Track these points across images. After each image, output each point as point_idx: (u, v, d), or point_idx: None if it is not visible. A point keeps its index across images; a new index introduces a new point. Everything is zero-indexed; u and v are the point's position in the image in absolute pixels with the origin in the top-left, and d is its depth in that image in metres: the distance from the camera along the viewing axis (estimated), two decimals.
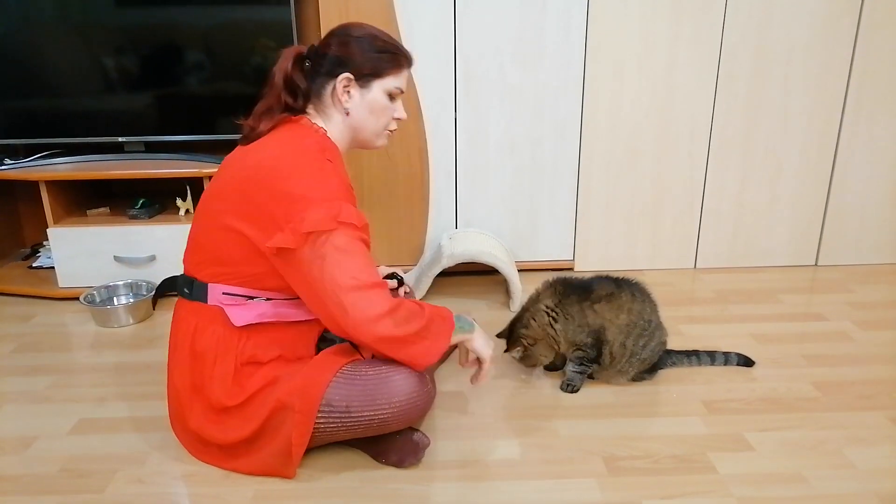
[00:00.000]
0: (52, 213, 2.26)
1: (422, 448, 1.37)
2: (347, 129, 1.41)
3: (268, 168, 1.27)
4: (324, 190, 1.24)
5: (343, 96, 1.36)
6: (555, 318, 1.62)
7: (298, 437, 1.29)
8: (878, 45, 2.28)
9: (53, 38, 2.27)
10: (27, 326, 2.11)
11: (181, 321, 1.36)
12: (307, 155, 1.29)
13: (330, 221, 1.22)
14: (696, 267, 2.53)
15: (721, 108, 2.34)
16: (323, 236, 1.21)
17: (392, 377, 1.30)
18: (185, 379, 1.34)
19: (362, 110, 1.39)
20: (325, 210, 1.22)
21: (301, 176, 1.25)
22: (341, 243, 1.22)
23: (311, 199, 1.22)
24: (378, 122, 1.41)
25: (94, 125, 2.36)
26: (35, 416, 1.59)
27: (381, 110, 1.40)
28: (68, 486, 1.34)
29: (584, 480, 1.34)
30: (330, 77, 1.36)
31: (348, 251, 1.23)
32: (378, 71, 1.37)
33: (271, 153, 1.29)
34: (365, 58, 1.35)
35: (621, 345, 1.61)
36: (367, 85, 1.37)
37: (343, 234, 1.23)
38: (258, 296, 1.33)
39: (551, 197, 2.41)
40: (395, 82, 1.40)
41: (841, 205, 2.46)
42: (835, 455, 1.40)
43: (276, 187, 1.24)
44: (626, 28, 2.24)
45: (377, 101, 1.39)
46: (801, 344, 1.91)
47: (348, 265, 1.22)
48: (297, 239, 1.21)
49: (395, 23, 2.19)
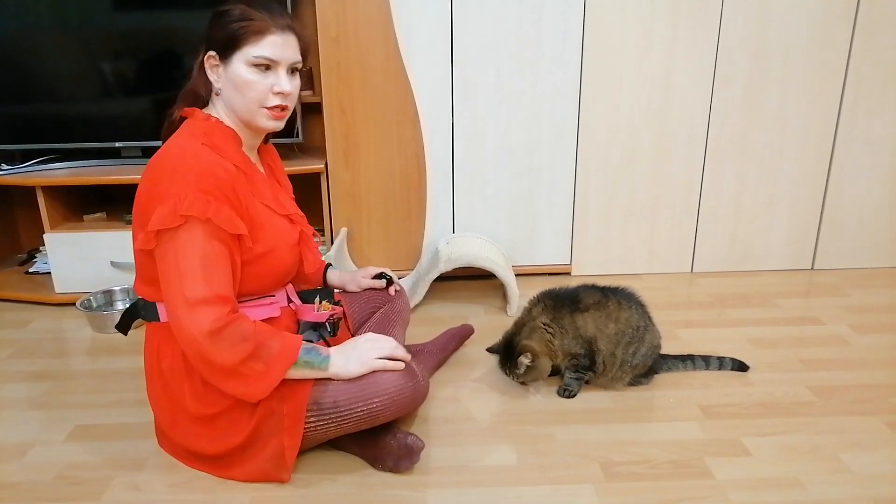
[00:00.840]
0: (49, 218, 2.26)
1: (417, 451, 1.36)
2: (229, 111, 1.32)
3: (146, 172, 1.26)
4: (174, 184, 1.19)
5: (211, 76, 1.30)
6: (553, 334, 1.61)
7: (290, 441, 1.28)
8: (874, 47, 2.29)
9: (51, 42, 2.27)
10: (23, 332, 2.11)
11: (148, 344, 1.37)
12: (179, 147, 1.25)
13: (173, 217, 1.17)
14: (693, 271, 2.53)
15: (717, 111, 2.35)
16: (171, 233, 1.18)
17: None
18: (162, 398, 1.35)
19: (228, 87, 1.29)
20: (170, 205, 1.17)
21: (162, 174, 1.21)
22: (181, 244, 1.18)
23: (162, 194, 1.19)
24: (247, 100, 1.28)
25: (91, 130, 2.36)
26: (31, 423, 1.59)
27: (244, 84, 1.27)
28: (65, 494, 1.33)
29: (581, 486, 1.33)
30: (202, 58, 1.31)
31: (186, 255, 1.18)
32: (234, 42, 1.25)
33: (156, 156, 1.27)
34: (222, 31, 1.26)
35: (611, 354, 1.62)
36: (227, 60, 1.27)
37: (186, 232, 1.18)
38: None
39: (548, 201, 2.41)
40: (256, 51, 1.25)
41: (837, 209, 2.47)
42: (831, 460, 1.40)
43: (144, 190, 1.24)
44: (622, 32, 2.25)
45: (238, 75, 1.26)
46: (797, 348, 1.91)
47: (181, 275, 1.18)
48: (148, 240, 1.19)
49: (392, 27, 2.20)
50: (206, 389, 1.31)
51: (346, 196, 2.38)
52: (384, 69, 2.24)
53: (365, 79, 2.25)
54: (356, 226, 2.42)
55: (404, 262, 2.47)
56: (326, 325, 1.42)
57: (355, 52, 2.22)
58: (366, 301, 1.68)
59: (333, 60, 2.23)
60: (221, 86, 1.30)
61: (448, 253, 2.18)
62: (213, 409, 1.30)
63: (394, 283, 1.71)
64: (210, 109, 1.34)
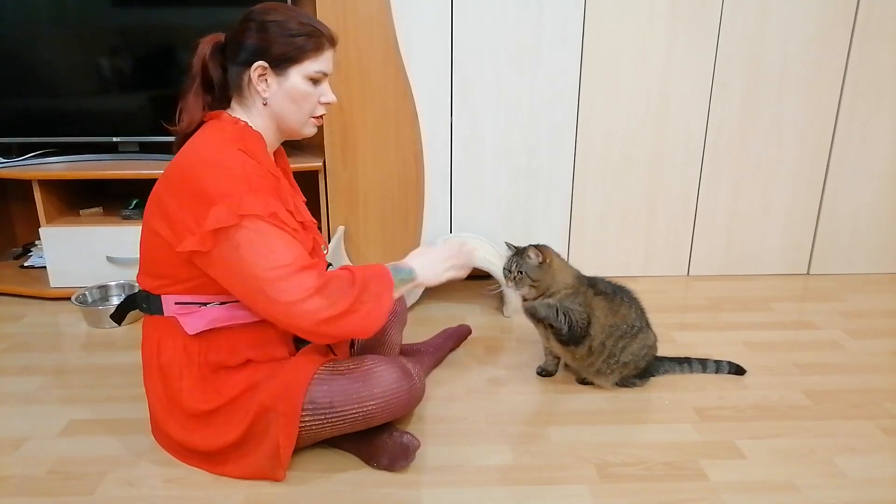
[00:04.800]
0: (45, 212, 2.25)
1: (412, 450, 1.36)
2: (270, 120, 1.34)
3: (182, 171, 1.23)
4: (225, 183, 1.19)
5: (259, 86, 1.29)
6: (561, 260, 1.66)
7: (285, 439, 1.28)
8: (871, 55, 2.30)
9: (49, 37, 2.26)
10: (18, 326, 2.10)
11: (147, 337, 1.36)
12: (218, 151, 1.24)
13: (231, 216, 1.17)
14: (689, 274, 2.54)
15: (715, 116, 2.35)
16: (231, 231, 1.18)
17: (374, 370, 1.30)
18: (160, 392, 1.35)
19: (281, 99, 1.31)
20: (225, 206, 1.17)
21: (207, 172, 1.20)
22: (252, 234, 1.18)
23: (212, 195, 1.18)
24: (301, 111, 1.33)
25: (88, 125, 2.35)
26: (25, 417, 1.58)
27: (301, 97, 1.31)
28: (58, 488, 1.33)
29: (576, 487, 1.33)
30: (246, 66, 1.29)
31: (262, 240, 1.19)
32: (295, 56, 1.28)
33: (187, 155, 1.25)
34: (279, 43, 1.27)
35: (601, 343, 1.63)
36: (284, 72, 1.29)
37: (251, 226, 1.19)
38: (211, 301, 1.30)
39: (546, 203, 2.41)
40: (315, 66, 1.31)
41: (833, 214, 2.48)
42: (826, 463, 1.41)
43: (185, 189, 1.21)
44: (621, 36, 2.26)
45: (296, 88, 1.30)
46: (792, 352, 1.92)
47: (265, 255, 1.18)
48: (203, 240, 1.18)
49: (392, 28, 2.20)
50: (203, 385, 1.31)
51: (343, 195, 2.38)
52: (384, 69, 2.24)
53: (364, 78, 2.25)
54: (353, 224, 2.41)
55: None
56: None
57: (355, 52, 2.22)
58: None
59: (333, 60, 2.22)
60: (271, 96, 1.30)
61: None
62: (209, 405, 1.30)
63: None
64: (235, 112, 1.34)
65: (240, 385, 1.31)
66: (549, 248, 1.66)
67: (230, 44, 1.31)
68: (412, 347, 1.80)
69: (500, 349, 1.95)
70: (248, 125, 1.32)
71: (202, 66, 1.32)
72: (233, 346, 1.32)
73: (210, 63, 1.31)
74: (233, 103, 1.35)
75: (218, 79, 1.32)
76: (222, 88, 1.33)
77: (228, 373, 1.32)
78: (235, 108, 1.34)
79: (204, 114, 1.33)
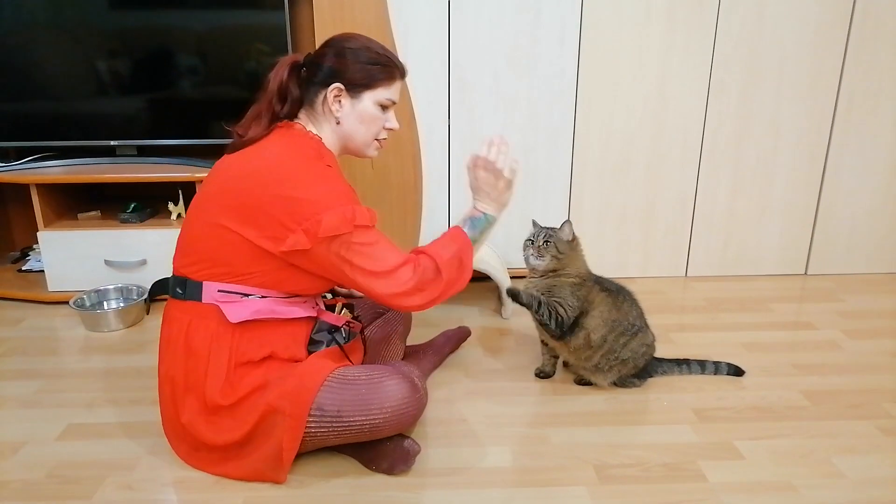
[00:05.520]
0: (43, 216, 2.25)
1: (412, 455, 1.36)
2: (338, 138, 1.42)
3: (268, 172, 1.27)
4: (334, 194, 1.27)
5: (334, 105, 1.38)
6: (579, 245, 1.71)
7: (289, 442, 1.28)
8: (868, 55, 2.30)
9: (46, 40, 2.26)
10: (16, 330, 2.10)
11: (174, 320, 1.36)
12: (308, 160, 1.31)
13: (347, 225, 1.25)
14: (687, 275, 2.54)
15: (713, 117, 2.36)
16: (345, 238, 1.26)
17: (384, 383, 1.30)
18: (180, 374, 1.34)
19: (352, 120, 1.40)
20: (339, 215, 1.25)
21: (306, 181, 1.27)
22: (364, 240, 1.28)
23: (323, 203, 1.25)
24: (368, 133, 1.42)
25: (86, 128, 2.35)
26: (23, 421, 1.58)
27: (370, 120, 1.41)
28: (56, 493, 1.32)
29: (575, 488, 1.34)
30: (322, 86, 1.37)
31: (371, 244, 1.29)
32: (369, 82, 1.38)
33: (270, 158, 1.30)
34: (357, 69, 1.37)
35: (602, 337, 1.63)
36: (357, 95, 1.38)
37: (363, 234, 1.28)
38: (253, 293, 1.32)
39: (544, 204, 2.41)
40: (386, 94, 1.41)
41: (831, 214, 2.48)
42: (824, 464, 1.41)
43: (279, 192, 1.25)
44: (619, 37, 2.26)
45: (367, 111, 1.40)
46: (790, 353, 1.92)
47: (374, 258, 1.28)
48: (312, 241, 1.25)
49: (389, 30, 2.20)
50: (227, 380, 1.31)
51: None
52: None
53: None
54: None
55: None
56: (342, 330, 1.44)
57: None
58: (371, 305, 1.70)
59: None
60: (344, 116, 1.39)
61: None
62: (226, 400, 1.30)
63: None
64: (308, 127, 1.41)
65: (252, 384, 1.31)
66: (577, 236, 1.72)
67: (310, 64, 1.40)
68: (412, 349, 1.80)
69: (499, 351, 1.95)
70: (321, 140, 1.40)
71: (280, 85, 1.38)
72: (263, 338, 1.33)
73: (289, 81, 1.38)
74: (302, 116, 1.42)
75: (296, 95, 1.39)
76: (296, 104, 1.40)
77: (249, 368, 1.32)
78: (305, 122, 1.41)
79: (277, 122, 1.39)
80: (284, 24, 2.26)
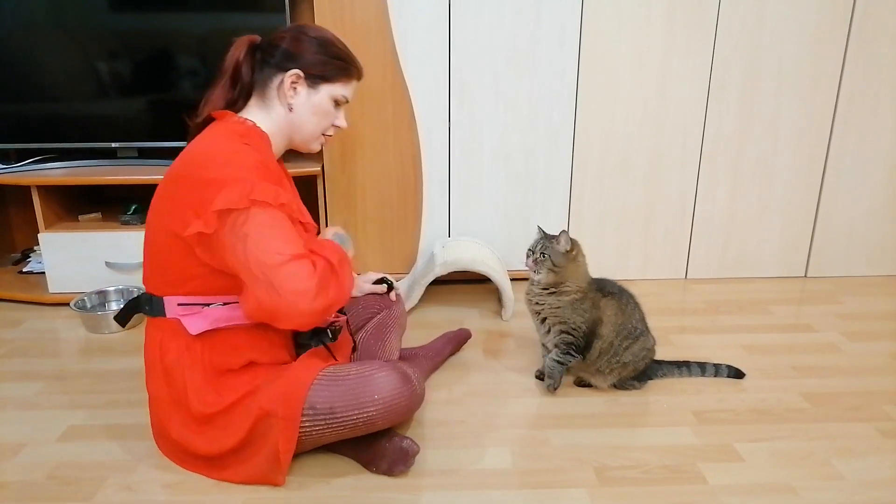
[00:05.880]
0: (44, 218, 2.25)
1: (411, 455, 1.36)
2: (286, 125, 1.39)
3: (188, 163, 1.27)
4: (236, 170, 1.22)
5: (289, 92, 1.35)
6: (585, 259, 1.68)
7: (285, 444, 1.28)
8: (868, 56, 2.31)
9: (47, 42, 2.26)
10: (17, 332, 2.10)
11: (150, 338, 1.37)
12: (227, 143, 1.28)
13: (242, 199, 1.19)
14: (687, 277, 2.54)
15: (712, 118, 2.36)
16: (242, 216, 1.19)
17: (375, 375, 1.30)
18: (164, 394, 1.35)
19: (305, 110, 1.38)
20: (237, 189, 1.19)
21: (216, 161, 1.23)
22: (262, 220, 1.21)
23: (223, 180, 1.20)
24: (318, 126, 1.41)
25: (87, 130, 2.35)
26: (24, 423, 1.58)
27: (323, 114, 1.40)
28: (57, 494, 1.32)
29: (575, 490, 1.34)
30: (279, 70, 1.35)
31: (270, 226, 1.21)
32: (329, 75, 1.38)
33: (192, 151, 1.28)
34: (317, 59, 1.36)
35: (610, 343, 1.64)
36: (315, 86, 1.37)
37: (261, 211, 1.21)
38: (213, 301, 1.31)
39: (544, 206, 2.42)
40: (343, 90, 1.41)
41: (830, 217, 2.49)
42: (824, 466, 1.41)
43: (192, 179, 1.24)
44: (619, 39, 2.26)
45: (322, 104, 1.39)
46: (790, 355, 1.92)
47: (271, 241, 1.20)
48: (210, 221, 1.20)
49: (389, 30, 2.20)
50: (207, 387, 1.31)
51: (342, 199, 2.38)
52: (381, 72, 2.25)
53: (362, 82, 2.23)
54: (352, 229, 2.42)
55: (400, 266, 2.47)
56: (328, 332, 1.43)
57: None
58: (364, 307, 1.69)
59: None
60: (298, 104, 1.37)
61: (444, 257, 2.18)
62: (210, 408, 1.30)
63: (394, 289, 1.72)
64: (249, 111, 1.38)
65: (241, 389, 1.31)
66: (578, 243, 1.69)
67: (269, 46, 1.37)
68: (411, 352, 1.80)
69: (499, 353, 1.95)
70: (255, 125, 1.36)
71: (235, 64, 1.36)
72: (235, 346, 1.33)
73: (244, 62, 1.36)
74: (251, 102, 1.39)
75: (248, 77, 1.37)
76: (246, 90, 1.38)
77: (231, 376, 1.33)
78: (251, 108, 1.39)
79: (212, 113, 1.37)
80: (285, 26, 2.26)
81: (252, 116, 1.37)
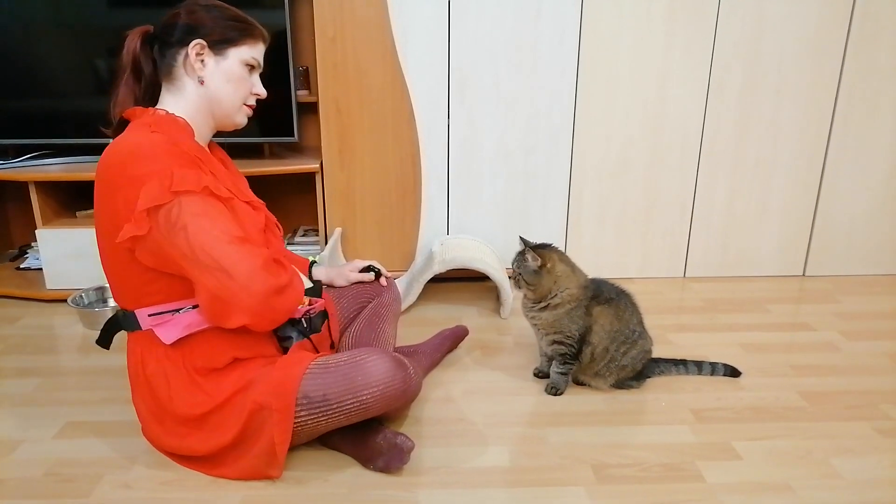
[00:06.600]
0: (41, 214, 2.25)
1: (406, 451, 1.36)
2: (203, 102, 1.33)
3: (104, 169, 1.23)
4: (150, 163, 1.18)
5: (196, 64, 1.30)
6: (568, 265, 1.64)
7: (280, 436, 1.28)
8: (868, 57, 2.31)
9: (45, 38, 2.26)
10: (14, 328, 2.10)
11: (130, 353, 1.36)
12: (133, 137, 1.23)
13: (165, 193, 1.17)
14: (686, 276, 2.54)
15: (712, 118, 2.36)
16: (174, 208, 1.17)
17: (367, 360, 1.30)
18: (150, 405, 1.34)
19: (218, 79, 1.32)
20: (156, 183, 1.16)
21: (127, 160, 1.19)
22: (195, 209, 1.18)
23: (139, 177, 1.17)
24: (236, 95, 1.35)
25: (84, 126, 2.34)
26: (21, 419, 1.58)
27: (238, 80, 1.34)
28: (54, 491, 1.32)
29: (573, 488, 1.34)
30: (181, 45, 1.29)
31: (205, 213, 1.19)
32: (232, 38, 1.31)
33: (106, 156, 1.24)
34: (217, 24, 1.30)
35: (605, 349, 1.63)
36: (222, 52, 1.31)
37: (190, 200, 1.18)
38: (182, 306, 1.30)
39: (543, 204, 2.41)
40: (251, 52, 1.34)
41: (829, 216, 2.49)
42: (822, 465, 1.41)
43: (113, 185, 1.20)
44: (619, 38, 2.26)
45: (234, 70, 1.33)
46: (788, 354, 1.92)
47: (212, 226, 1.19)
48: (140, 222, 1.17)
49: (389, 30, 2.20)
50: (193, 390, 1.30)
51: (340, 196, 2.38)
52: (381, 70, 2.24)
53: (361, 79, 2.25)
54: (351, 226, 2.41)
55: (398, 263, 2.47)
56: (302, 321, 1.38)
57: (352, 53, 2.22)
58: (353, 297, 1.68)
59: (330, 61, 2.23)
60: (208, 75, 1.31)
61: (442, 254, 2.18)
62: (202, 408, 1.30)
63: (382, 275, 1.71)
64: (164, 101, 1.33)
65: (232, 386, 1.31)
66: (553, 253, 1.63)
67: (165, 27, 1.31)
68: (409, 349, 1.80)
69: (497, 350, 1.95)
70: (168, 114, 1.31)
71: (133, 57, 1.32)
72: (215, 347, 1.32)
73: (141, 53, 1.31)
74: (163, 92, 1.34)
75: (149, 68, 1.32)
76: (153, 78, 1.34)
77: (219, 375, 1.32)
78: (164, 98, 1.34)
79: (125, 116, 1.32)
80: (284, 23, 2.25)
81: (165, 106, 1.32)
